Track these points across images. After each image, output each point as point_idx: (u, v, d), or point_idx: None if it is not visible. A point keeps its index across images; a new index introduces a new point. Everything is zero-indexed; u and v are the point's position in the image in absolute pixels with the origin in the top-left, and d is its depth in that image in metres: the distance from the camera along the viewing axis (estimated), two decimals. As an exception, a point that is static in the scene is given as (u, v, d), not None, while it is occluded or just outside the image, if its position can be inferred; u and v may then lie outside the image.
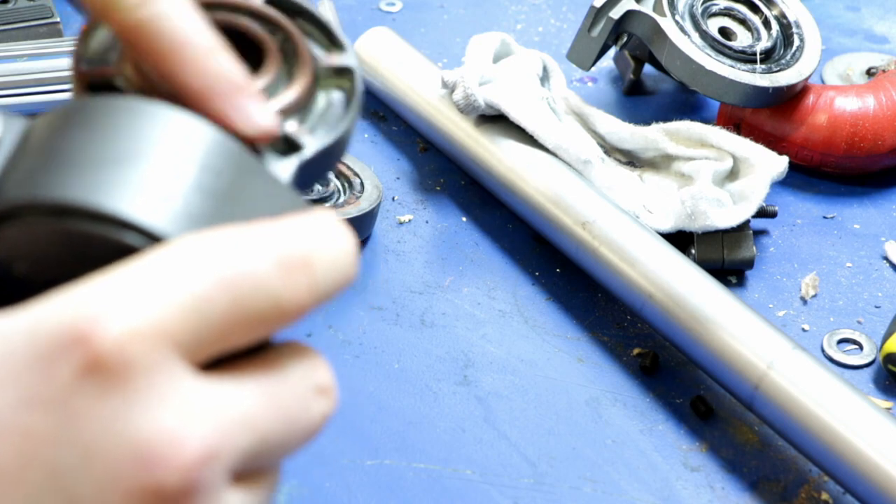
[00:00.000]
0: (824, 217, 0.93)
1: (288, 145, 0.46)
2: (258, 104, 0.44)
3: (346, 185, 0.90)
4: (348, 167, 0.91)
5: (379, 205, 0.88)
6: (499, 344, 0.80)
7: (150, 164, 0.40)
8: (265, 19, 0.48)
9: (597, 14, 0.91)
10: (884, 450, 0.66)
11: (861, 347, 0.81)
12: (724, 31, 0.95)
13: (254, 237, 0.39)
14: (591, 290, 0.85)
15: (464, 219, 0.92)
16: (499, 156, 0.89)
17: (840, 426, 0.68)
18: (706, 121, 0.92)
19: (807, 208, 0.93)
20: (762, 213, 0.86)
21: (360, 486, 0.71)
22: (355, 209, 0.86)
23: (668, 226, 0.85)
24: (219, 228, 0.39)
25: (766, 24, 0.96)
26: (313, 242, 0.40)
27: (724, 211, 0.83)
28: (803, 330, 0.83)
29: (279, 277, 0.39)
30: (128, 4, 0.42)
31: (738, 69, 0.91)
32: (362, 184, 0.89)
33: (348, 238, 0.41)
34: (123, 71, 0.45)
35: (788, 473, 0.73)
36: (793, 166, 0.89)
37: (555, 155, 0.87)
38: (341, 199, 0.88)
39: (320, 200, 0.87)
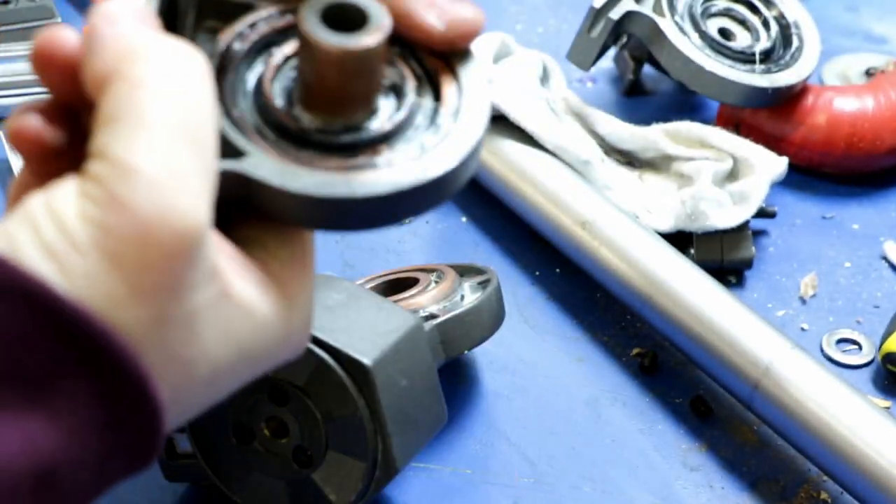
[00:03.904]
0: (823, 217, 0.93)
1: None
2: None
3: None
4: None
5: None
6: (499, 344, 0.80)
7: None
8: None
9: (596, 15, 0.91)
10: (882, 449, 0.66)
11: (860, 347, 0.81)
12: (723, 32, 0.95)
13: None
14: (591, 290, 0.85)
15: (464, 219, 0.92)
16: (499, 156, 0.89)
17: (839, 426, 0.68)
18: (706, 121, 0.93)
19: (806, 208, 0.94)
20: (761, 214, 0.86)
21: (361, 486, 0.71)
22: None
23: (668, 226, 0.85)
24: None
25: (766, 24, 0.96)
26: None
27: (723, 211, 0.84)
28: (802, 330, 0.83)
29: None
30: None
31: (738, 69, 0.91)
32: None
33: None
34: None
35: (787, 473, 0.73)
36: (792, 166, 0.90)
37: (555, 155, 0.87)
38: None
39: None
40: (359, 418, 0.61)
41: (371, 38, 0.41)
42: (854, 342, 0.82)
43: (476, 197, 0.94)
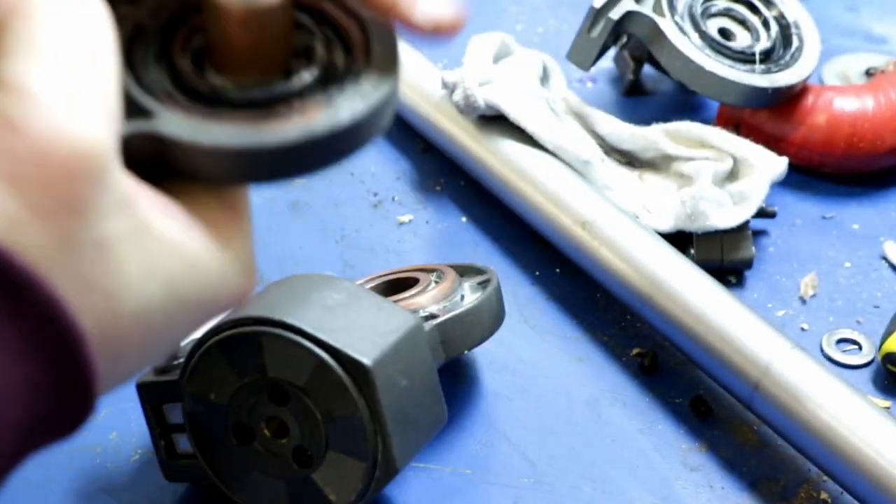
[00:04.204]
0: (823, 217, 0.93)
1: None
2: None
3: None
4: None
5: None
6: (499, 344, 0.80)
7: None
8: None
9: (596, 15, 0.91)
10: (882, 449, 0.66)
11: (860, 347, 0.81)
12: (723, 32, 0.95)
13: None
14: (591, 290, 0.85)
15: (464, 219, 0.92)
16: (499, 156, 0.89)
17: (839, 426, 0.68)
18: (706, 121, 0.93)
19: (806, 208, 0.94)
20: (761, 214, 0.86)
21: (361, 486, 0.71)
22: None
23: (668, 226, 0.85)
24: None
25: (766, 24, 0.96)
26: None
27: (723, 211, 0.84)
28: (802, 330, 0.83)
29: None
30: None
31: (738, 70, 0.91)
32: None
33: None
34: None
35: (787, 473, 0.73)
36: (792, 166, 0.90)
37: (555, 155, 0.87)
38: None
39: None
40: (359, 418, 0.61)
41: None
42: (854, 342, 0.82)
43: (476, 197, 0.94)
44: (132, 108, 0.42)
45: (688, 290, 0.77)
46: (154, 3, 0.45)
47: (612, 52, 1.05)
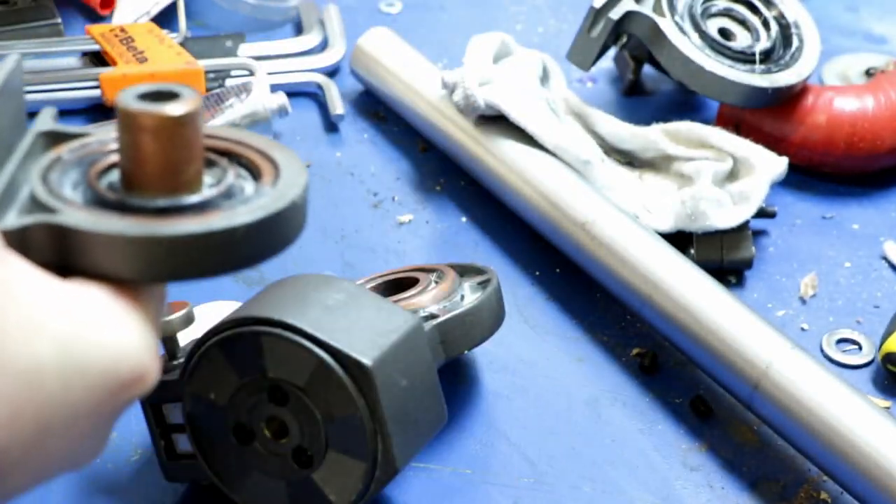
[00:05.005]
0: (823, 217, 0.93)
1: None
2: None
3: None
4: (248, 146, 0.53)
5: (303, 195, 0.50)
6: (499, 344, 0.80)
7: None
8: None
9: (596, 15, 0.91)
10: (882, 449, 0.66)
11: (860, 347, 0.81)
12: (723, 32, 0.95)
13: None
14: (590, 290, 0.85)
15: (464, 219, 0.92)
16: (499, 156, 0.89)
17: (839, 426, 0.68)
18: (706, 121, 0.93)
19: (806, 208, 0.94)
20: (761, 214, 0.86)
21: (361, 486, 0.71)
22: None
23: (668, 226, 0.85)
24: None
25: (766, 24, 0.96)
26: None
27: (724, 211, 0.84)
28: (802, 330, 0.83)
29: None
30: None
31: (738, 70, 0.91)
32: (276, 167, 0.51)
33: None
34: None
35: (787, 473, 0.73)
36: (792, 166, 0.90)
37: (555, 155, 0.87)
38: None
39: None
40: (359, 418, 0.61)
41: (182, 105, 0.45)
42: (854, 342, 0.82)
43: (476, 197, 0.94)
44: (37, 206, 0.44)
45: (688, 290, 0.77)
46: (77, 143, 0.49)
47: (612, 52, 1.05)
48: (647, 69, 1.05)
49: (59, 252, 0.43)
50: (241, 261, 0.45)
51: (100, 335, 0.41)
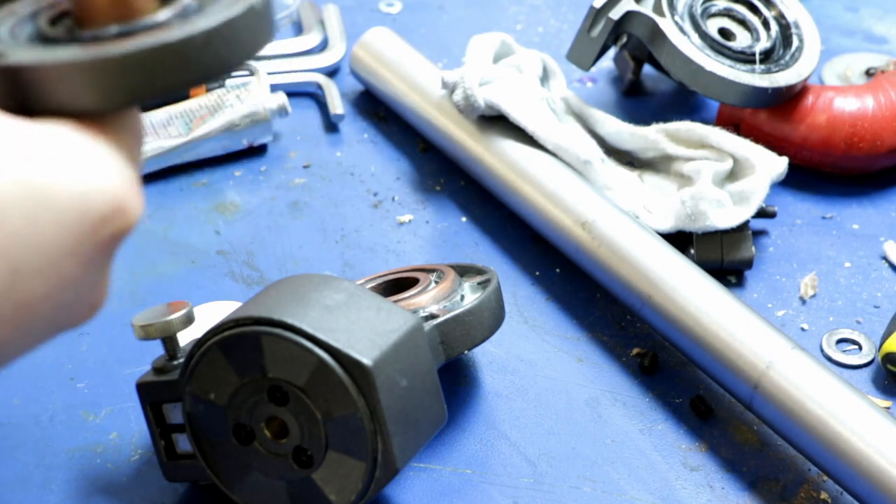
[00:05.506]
0: (823, 217, 0.93)
1: None
2: None
3: None
4: None
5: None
6: (499, 344, 0.80)
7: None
8: None
9: (596, 14, 0.91)
10: (882, 449, 0.66)
11: (860, 347, 0.81)
12: (723, 32, 0.95)
13: None
14: (591, 290, 0.85)
15: (464, 219, 0.92)
16: (499, 156, 0.89)
17: (839, 426, 0.68)
18: (706, 121, 0.93)
19: (806, 208, 0.94)
20: (762, 214, 0.86)
21: (361, 486, 0.71)
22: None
23: (668, 226, 0.85)
24: None
25: (766, 24, 0.96)
26: None
27: (724, 211, 0.84)
28: (802, 330, 0.83)
29: None
30: None
31: (738, 70, 0.91)
32: None
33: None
34: None
35: (787, 473, 0.73)
36: (792, 166, 0.90)
37: (555, 155, 0.87)
38: None
39: None
40: (359, 418, 0.61)
41: None
42: (854, 342, 0.82)
43: (476, 197, 0.94)
44: None
45: (688, 290, 0.77)
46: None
47: (612, 52, 1.05)
48: (647, 69, 1.05)
49: (15, 97, 0.42)
50: (202, 72, 0.44)
51: (64, 168, 0.39)
